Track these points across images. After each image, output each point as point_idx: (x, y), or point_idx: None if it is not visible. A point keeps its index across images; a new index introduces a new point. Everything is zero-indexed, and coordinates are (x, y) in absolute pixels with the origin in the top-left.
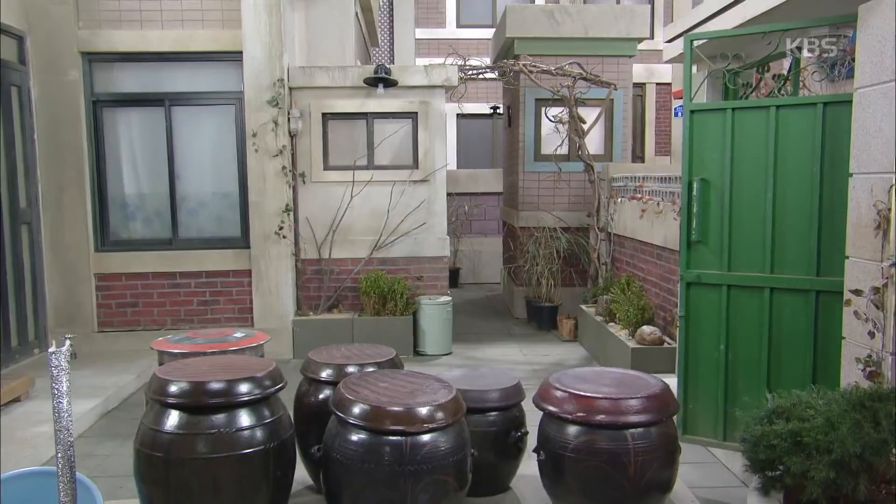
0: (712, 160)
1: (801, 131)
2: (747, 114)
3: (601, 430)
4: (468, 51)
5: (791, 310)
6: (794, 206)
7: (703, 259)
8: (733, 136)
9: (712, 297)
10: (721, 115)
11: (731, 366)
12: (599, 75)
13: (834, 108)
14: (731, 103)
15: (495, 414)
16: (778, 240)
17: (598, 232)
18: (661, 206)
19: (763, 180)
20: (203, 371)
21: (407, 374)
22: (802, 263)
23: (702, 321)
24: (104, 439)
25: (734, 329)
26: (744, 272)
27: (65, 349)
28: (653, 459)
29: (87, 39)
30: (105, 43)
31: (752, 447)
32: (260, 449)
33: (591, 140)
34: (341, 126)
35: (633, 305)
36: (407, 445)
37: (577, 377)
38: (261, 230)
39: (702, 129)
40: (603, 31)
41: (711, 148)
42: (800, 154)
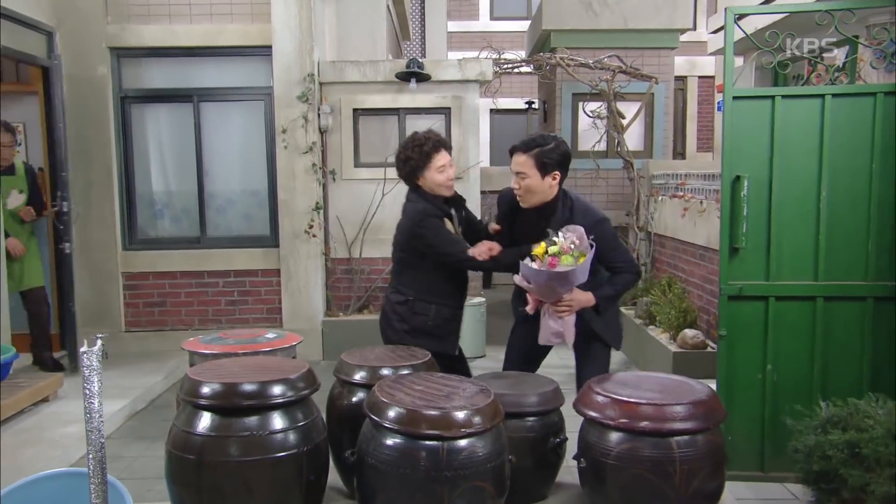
0: (756, 154)
1: (858, 123)
2: (797, 102)
3: (645, 438)
4: (502, 44)
5: (844, 320)
6: (847, 205)
7: (746, 268)
8: (780, 127)
9: (756, 311)
10: (766, 104)
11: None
12: (640, 68)
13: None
14: (778, 90)
15: (533, 419)
16: (829, 243)
17: (637, 231)
18: (704, 204)
19: (813, 176)
20: (235, 372)
21: (443, 377)
22: (857, 268)
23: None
24: (132, 441)
25: (779, 345)
26: (791, 281)
27: (96, 349)
28: (699, 469)
29: (115, 34)
30: (133, 38)
31: (805, 458)
32: (293, 452)
33: (630, 136)
34: (372, 122)
35: (674, 308)
36: (443, 451)
37: (619, 382)
38: (290, 229)
39: (745, 118)
40: (643, 22)
41: (755, 140)
42: (855, 147)
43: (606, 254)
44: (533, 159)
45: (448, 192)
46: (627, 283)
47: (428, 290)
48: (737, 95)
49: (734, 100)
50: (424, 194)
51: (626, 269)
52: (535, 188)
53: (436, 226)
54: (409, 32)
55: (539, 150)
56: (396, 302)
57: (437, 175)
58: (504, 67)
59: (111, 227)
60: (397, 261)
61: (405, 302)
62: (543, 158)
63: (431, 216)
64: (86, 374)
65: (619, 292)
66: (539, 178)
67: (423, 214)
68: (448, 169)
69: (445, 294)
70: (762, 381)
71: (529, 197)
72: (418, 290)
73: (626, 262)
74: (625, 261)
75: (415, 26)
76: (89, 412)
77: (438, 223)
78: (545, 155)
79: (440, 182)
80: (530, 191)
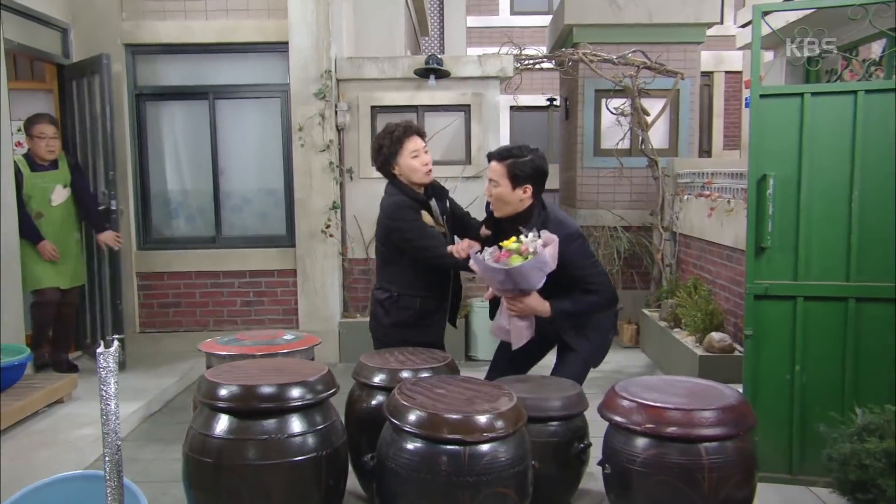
0: (785, 152)
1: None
2: (828, 99)
3: (672, 444)
4: (523, 39)
5: (877, 322)
6: (880, 205)
7: (773, 267)
8: (810, 124)
9: (783, 311)
10: (795, 101)
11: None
12: (665, 64)
13: None
14: (807, 87)
15: (557, 424)
16: (861, 243)
17: (661, 231)
18: (731, 203)
19: (844, 175)
20: (253, 374)
21: (465, 380)
22: (891, 269)
23: (772, 339)
24: (147, 443)
25: (808, 346)
26: (820, 281)
27: (113, 350)
28: (729, 476)
29: (130, 31)
30: (149, 34)
31: (840, 466)
32: (312, 456)
33: (654, 133)
34: (391, 119)
35: (700, 310)
36: (465, 455)
37: (645, 386)
38: (307, 228)
39: (773, 116)
40: (669, 16)
41: (784, 138)
42: (889, 145)
43: (573, 271)
44: (505, 169)
45: (425, 179)
46: (592, 304)
47: (411, 284)
48: (764, 93)
49: (761, 98)
50: (402, 186)
51: (596, 290)
52: (504, 198)
53: (411, 218)
54: (427, 28)
55: (512, 161)
56: (382, 299)
57: (410, 160)
58: (525, 63)
59: (125, 226)
60: (379, 257)
61: (390, 297)
62: (515, 170)
63: (406, 208)
64: (102, 375)
65: (578, 311)
66: (510, 189)
67: (398, 206)
68: (422, 154)
69: (429, 286)
70: (790, 382)
71: (500, 206)
72: (402, 286)
73: (598, 284)
74: (597, 282)
75: (433, 21)
76: (105, 414)
77: (414, 216)
78: (518, 167)
79: (415, 167)
80: (500, 199)
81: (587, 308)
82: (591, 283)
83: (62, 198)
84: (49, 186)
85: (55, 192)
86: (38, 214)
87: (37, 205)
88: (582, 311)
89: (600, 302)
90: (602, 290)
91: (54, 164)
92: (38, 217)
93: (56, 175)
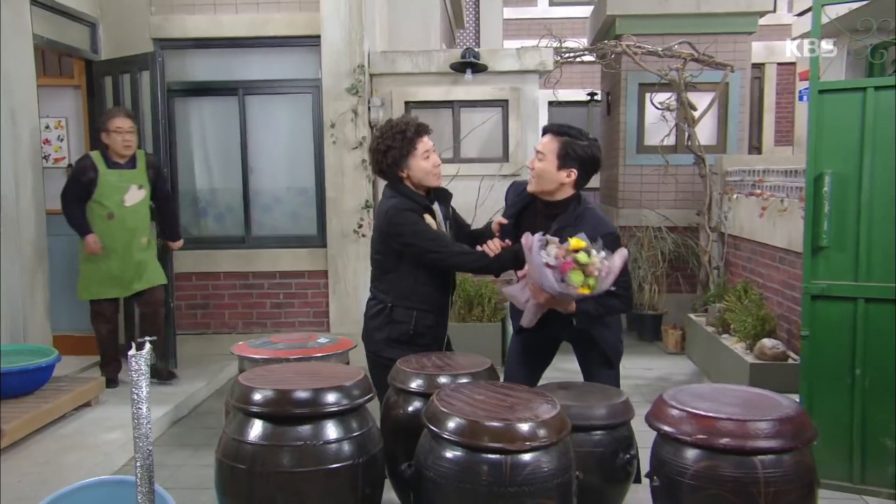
0: (845, 149)
1: None
2: (893, 94)
3: (725, 456)
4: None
5: None
6: None
7: (832, 267)
8: (873, 120)
9: (843, 313)
10: (857, 97)
11: (867, 394)
12: (713, 56)
13: None
14: (870, 81)
15: (601, 433)
16: None
17: (709, 232)
18: (785, 203)
19: None
20: (288, 378)
21: (505, 387)
22: None
23: (831, 341)
24: (175, 449)
25: (870, 349)
26: (883, 283)
27: (145, 352)
28: (787, 491)
29: (158, 25)
30: (178, 29)
31: None
32: (348, 464)
33: (702, 129)
34: (425, 115)
35: (751, 315)
36: (507, 465)
37: (696, 394)
38: (338, 228)
39: (832, 112)
40: (718, 5)
41: (844, 135)
42: None
43: None
44: (558, 145)
45: (436, 181)
46: (613, 309)
47: (407, 295)
48: (823, 89)
49: (820, 94)
50: (403, 189)
51: (619, 294)
52: (546, 175)
53: (412, 220)
54: (463, 20)
55: (568, 140)
56: (375, 311)
57: (422, 162)
58: (565, 57)
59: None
60: (374, 264)
61: (383, 309)
62: (568, 149)
63: (407, 210)
64: (134, 378)
65: (600, 314)
66: (554, 167)
67: (397, 209)
68: (433, 154)
69: (427, 299)
70: (850, 386)
71: (538, 182)
72: (396, 296)
73: (623, 289)
74: (623, 287)
75: (469, 13)
76: (137, 418)
77: (415, 217)
78: (571, 146)
79: (427, 169)
80: (541, 176)
81: (607, 311)
82: (619, 288)
83: (136, 199)
84: (124, 186)
85: (129, 193)
86: (110, 215)
87: (110, 204)
88: (602, 314)
89: (621, 307)
90: (625, 294)
91: (132, 163)
92: (110, 218)
93: (133, 175)
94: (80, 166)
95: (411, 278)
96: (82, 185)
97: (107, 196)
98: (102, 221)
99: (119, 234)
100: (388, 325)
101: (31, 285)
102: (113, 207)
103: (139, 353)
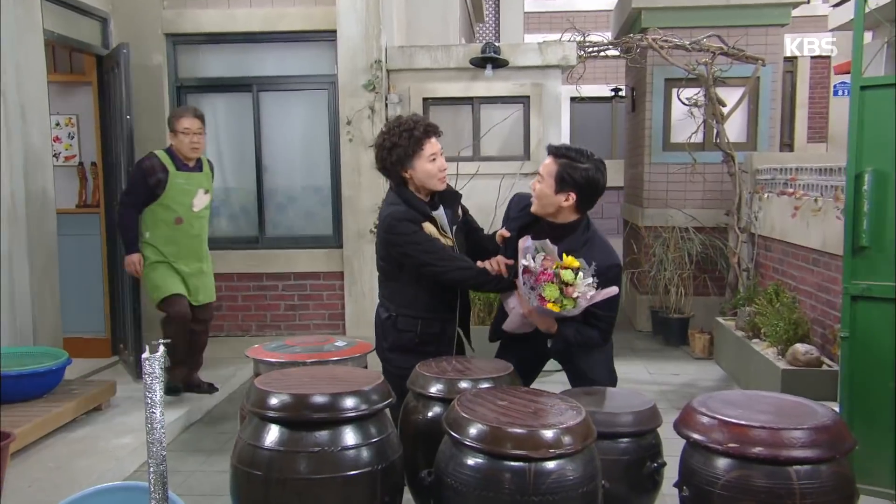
0: (885, 147)
1: None
2: None
3: (758, 466)
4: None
5: None
6: None
7: (873, 267)
8: None
9: (885, 314)
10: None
11: None
12: (744, 49)
13: None
14: None
15: (628, 440)
16: None
17: (738, 233)
18: (819, 202)
19: None
20: (305, 383)
21: (528, 392)
22: None
23: (872, 343)
24: (187, 454)
25: None
26: None
27: (159, 355)
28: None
29: (171, 20)
30: (190, 24)
31: None
32: (366, 471)
33: (731, 125)
34: (444, 112)
35: (783, 319)
36: (530, 473)
37: (726, 401)
38: (354, 228)
39: (875, 108)
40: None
41: (885, 132)
42: None
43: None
44: (556, 167)
45: (440, 185)
46: (590, 340)
47: (410, 303)
48: (865, 84)
49: (862, 90)
50: (404, 193)
51: (600, 328)
52: (544, 198)
53: (409, 231)
54: (482, 14)
55: (566, 162)
56: (382, 319)
57: (428, 164)
58: (588, 51)
59: None
60: (379, 269)
61: (388, 318)
62: (564, 173)
63: (404, 220)
64: (147, 381)
65: (576, 341)
66: (552, 190)
67: (393, 219)
68: (440, 157)
69: (431, 307)
70: (894, 389)
71: (538, 204)
72: (399, 304)
73: (606, 324)
74: (606, 322)
75: (489, 7)
76: (150, 422)
77: (413, 228)
78: (567, 170)
79: (432, 173)
80: (540, 198)
81: (584, 342)
82: (602, 322)
83: (203, 204)
84: (192, 189)
85: (197, 197)
86: (178, 220)
87: (178, 208)
88: (579, 343)
89: (597, 340)
90: (606, 330)
91: (198, 166)
92: (178, 223)
93: (200, 178)
94: (148, 166)
95: (413, 287)
96: (149, 187)
97: (175, 199)
98: (168, 226)
99: (185, 241)
100: (394, 334)
101: (40, 286)
102: (181, 212)
103: (153, 356)
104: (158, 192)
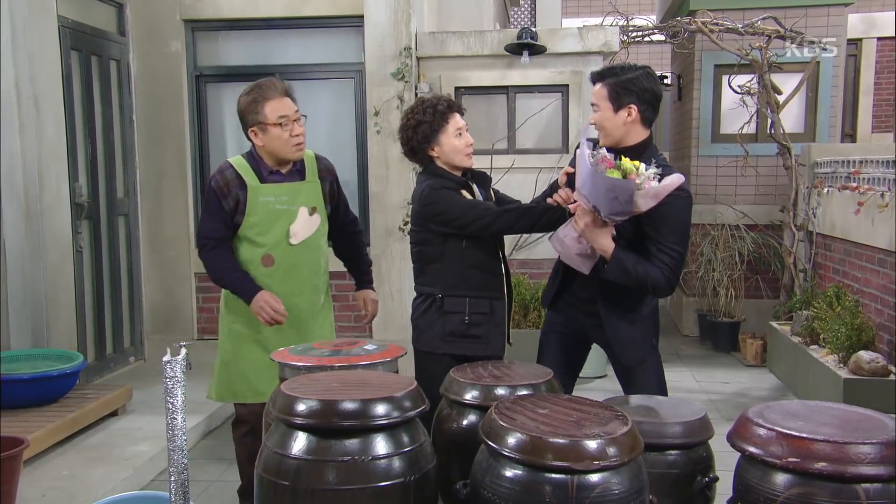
0: None
1: None
2: None
3: (822, 482)
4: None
5: None
6: None
7: None
8: None
9: None
10: None
11: None
12: (802, 31)
13: None
14: None
15: (676, 453)
16: None
17: (794, 230)
18: (886, 197)
19: None
20: (334, 388)
21: (570, 400)
22: None
23: None
24: (207, 462)
25: None
26: None
27: (181, 358)
28: None
29: (190, 5)
30: (210, 9)
31: None
32: (399, 482)
33: (787, 115)
34: (477, 102)
35: (844, 324)
36: (573, 486)
37: (786, 412)
38: (382, 225)
39: None
40: None
41: None
42: None
43: (659, 233)
44: (606, 89)
45: (467, 162)
46: (650, 281)
47: (456, 282)
48: None
49: None
50: (436, 170)
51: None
52: (607, 123)
53: (449, 196)
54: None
55: (614, 80)
56: (423, 306)
57: (454, 140)
58: (632, 36)
59: (183, 222)
60: (416, 257)
61: (432, 302)
62: (617, 87)
63: (442, 188)
64: (169, 386)
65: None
66: (611, 111)
67: (432, 189)
68: (465, 133)
69: (478, 284)
70: None
71: (604, 134)
72: (445, 286)
73: (673, 264)
74: (673, 261)
75: None
76: (172, 429)
77: (452, 193)
78: (619, 84)
79: (459, 148)
80: (603, 126)
81: (642, 280)
82: (668, 258)
83: (309, 230)
84: (290, 210)
85: (297, 222)
86: (267, 259)
87: (266, 241)
88: (635, 279)
89: (658, 284)
90: (671, 274)
91: (297, 171)
92: (267, 264)
93: (302, 191)
94: (220, 183)
95: (458, 264)
96: (228, 214)
97: (261, 228)
98: (255, 269)
99: (282, 289)
100: (441, 319)
101: (55, 285)
102: (271, 246)
103: (174, 358)
104: (238, 218)
